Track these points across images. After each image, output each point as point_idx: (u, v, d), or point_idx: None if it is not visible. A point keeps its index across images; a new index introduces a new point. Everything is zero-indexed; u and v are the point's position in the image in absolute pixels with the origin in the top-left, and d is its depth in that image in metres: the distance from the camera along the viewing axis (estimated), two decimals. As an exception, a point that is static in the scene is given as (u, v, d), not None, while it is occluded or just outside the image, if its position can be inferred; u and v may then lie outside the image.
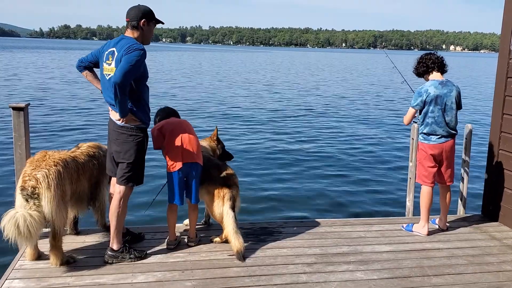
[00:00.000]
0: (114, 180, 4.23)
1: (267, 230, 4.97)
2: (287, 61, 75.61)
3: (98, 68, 4.18)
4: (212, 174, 4.43)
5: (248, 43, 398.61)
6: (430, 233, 4.98)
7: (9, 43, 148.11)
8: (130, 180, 4.05)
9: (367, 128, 15.26)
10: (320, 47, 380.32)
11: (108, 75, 3.93)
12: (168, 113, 4.61)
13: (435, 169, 4.92)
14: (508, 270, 4.18)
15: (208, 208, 4.59)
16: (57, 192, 3.79)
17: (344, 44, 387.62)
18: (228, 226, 4.28)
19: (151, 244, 4.48)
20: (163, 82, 29.00)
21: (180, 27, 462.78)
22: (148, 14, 3.99)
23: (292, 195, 8.40)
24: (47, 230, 4.03)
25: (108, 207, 4.34)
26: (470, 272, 4.12)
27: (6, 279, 3.74)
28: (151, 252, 4.32)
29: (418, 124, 5.01)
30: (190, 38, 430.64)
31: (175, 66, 49.53)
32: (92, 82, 4.28)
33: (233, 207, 4.32)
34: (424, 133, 4.86)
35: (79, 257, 4.15)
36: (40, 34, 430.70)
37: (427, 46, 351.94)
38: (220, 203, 4.34)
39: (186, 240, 4.55)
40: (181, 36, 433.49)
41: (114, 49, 3.89)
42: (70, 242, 4.43)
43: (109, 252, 4.08)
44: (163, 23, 4.16)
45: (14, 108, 4.49)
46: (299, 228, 5.04)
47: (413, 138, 5.65)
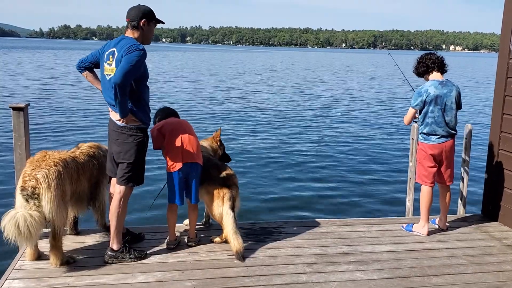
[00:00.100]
0: (114, 181, 4.23)
1: (267, 230, 4.97)
2: (287, 61, 75.61)
3: (98, 69, 4.18)
4: (212, 174, 4.43)
5: (248, 43, 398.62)
6: (430, 233, 4.99)
7: (9, 43, 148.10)
8: (130, 180, 4.05)
9: (367, 128, 15.26)
10: (320, 47, 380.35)
11: (108, 76, 3.93)
12: (168, 113, 4.61)
13: (435, 169, 4.92)
14: (508, 270, 4.18)
15: (208, 208, 4.59)
16: (57, 192, 3.79)
17: (344, 44, 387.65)
18: (227, 227, 4.28)
19: (151, 244, 4.48)
20: (163, 82, 29.00)
21: (180, 27, 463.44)
22: (148, 14, 3.99)
23: (292, 195, 8.40)
24: (47, 230, 4.03)
25: (108, 207, 4.34)
26: (470, 272, 4.12)
27: (6, 279, 3.74)
28: (151, 252, 4.32)
29: (418, 124, 5.01)
30: (190, 38, 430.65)
31: (175, 66, 49.51)
32: (93, 83, 4.28)
33: (232, 207, 4.32)
34: (424, 133, 4.86)
35: (79, 257, 4.15)
36: (40, 34, 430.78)
37: (427, 46, 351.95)
38: (219, 203, 4.34)
39: (186, 240, 4.55)
40: (181, 36, 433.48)
41: (115, 49, 3.89)
42: (70, 242, 4.43)
43: (109, 252, 4.08)
44: (163, 23, 4.16)
45: (14, 108, 4.50)
46: (299, 228, 5.04)
47: (413, 138, 5.65)
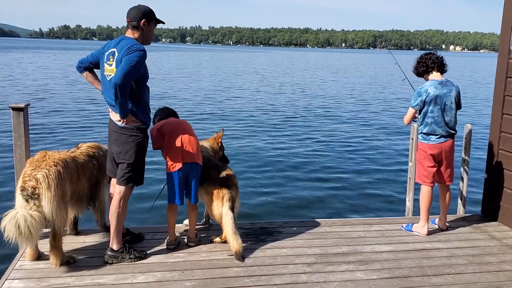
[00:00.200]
0: (114, 181, 4.23)
1: (267, 230, 4.98)
2: (287, 61, 75.59)
3: (98, 69, 4.18)
4: (212, 174, 4.43)
5: (247, 43, 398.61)
6: (430, 233, 4.99)
7: (9, 43, 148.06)
8: (130, 181, 4.05)
9: (366, 128, 15.26)
10: (319, 47, 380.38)
11: (109, 76, 3.93)
12: (167, 113, 4.61)
13: (435, 169, 4.92)
14: (507, 270, 4.18)
15: (208, 209, 4.59)
16: (57, 192, 3.79)
17: (343, 44, 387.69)
18: (227, 227, 4.28)
19: (151, 244, 4.48)
20: (163, 83, 28.99)
21: (180, 27, 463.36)
22: (149, 14, 3.99)
23: (292, 195, 8.40)
24: (47, 230, 4.03)
25: (108, 207, 4.34)
26: (470, 272, 4.12)
27: (6, 279, 3.75)
28: (151, 252, 4.32)
29: (417, 123, 5.01)
30: (190, 38, 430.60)
31: (175, 66, 49.50)
32: (93, 83, 4.28)
33: (232, 208, 4.32)
34: (424, 133, 4.86)
35: (79, 257, 4.15)
36: (40, 35, 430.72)
37: (427, 46, 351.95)
38: (219, 204, 4.34)
39: (186, 240, 4.55)
40: (180, 36, 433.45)
41: (115, 49, 3.89)
42: (70, 242, 4.43)
43: (109, 252, 4.08)
44: (163, 23, 4.15)
45: (14, 108, 4.50)
46: (299, 228, 5.04)
47: (412, 138, 5.65)
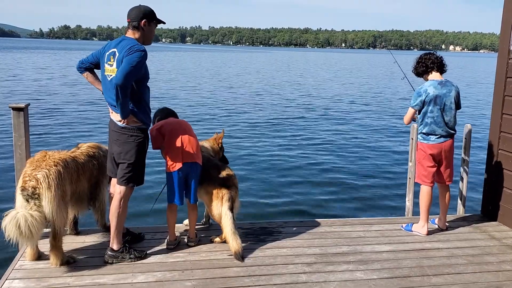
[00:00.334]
0: (114, 181, 4.24)
1: (266, 230, 4.98)
2: (287, 61, 75.57)
3: (99, 69, 4.18)
4: (212, 174, 4.43)
5: (247, 43, 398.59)
6: (430, 232, 4.99)
7: (9, 43, 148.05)
8: (130, 181, 4.05)
9: (366, 128, 15.26)
10: (319, 47, 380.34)
11: (109, 76, 3.93)
12: (167, 113, 4.61)
13: (435, 168, 4.92)
14: (507, 270, 4.18)
15: (208, 208, 4.60)
16: (57, 192, 3.79)
17: (343, 44, 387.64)
18: (226, 227, 4.28)
19: (151, 244, 4.49)
20: (163, 83, 28.99)
21: (180, 27, 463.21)
22: (149, 14, 3.99)
23: (292, 195, 8.41)
24: (47, 230, 4.04)
25: (108, 207, 4.34)
26: (470, 272, 4.12)
27: (6, 279, 3.75)
28: (151, 252, 4.32)
29: (417, 123, 5.01)
30: (189, 38, 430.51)
31: (175, 66, 49.51)
32: (93, 83, 4.28)
33: (231, 208, 4.32)
34: (423, 133, 4.87)
35: (79, 257, 4.15)
36: (40, 35, 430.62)
37: (427, 46, 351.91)
38: (219, 204, 4.35)
39: (186, 240, 4.55)
40: (180, 36, 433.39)
41: (115, 49, 3.89)
42: (70, 242, 4.43)
43: (109, 252, 4.08)
44: (164, 23, 4.14)
45: (14, 108, 4.50)
46: (298, 228, 5.05)
47: (412, 138, 5.65)
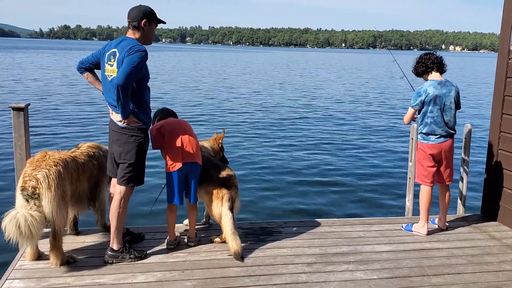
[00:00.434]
0: (114, 181, 4.24)
1: (266, 230, 4.98)
2: (287, 61, 75.57)
3: (99, 69, 4.18)
4: (212, 174, 4.43)
5: (247, 43, 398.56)
6: (430, 232, 4.99)
7: (9, 43, 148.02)
8: (131, 181, 4.05)
9: (366, 128, 15.26)
10: (319, 47, 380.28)
11: (110, 76, 3.93)
12: (167, 114, 4.61)
13: (434, 168, 4.92)
14: (507, 270, 4.19)
15: (207, 208, 4.60)
16: (57, 192, 3.79)
17: (343, 44, 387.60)
18: (226, 227, 4.28)
19: (151, 244, 4.49)
20: (163, 83, 28.99)
21: (180, 27, 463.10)
22: (149, 14, 3.99)
23: (291, 195, 8.41)
24: (47, 230, 4.04)
25: (108, 207, 4.34)
26: (470, 272, 4.13)
27: (6, 279, 3.75)
28: (151, 252, 4.32)
29: (417, 123, 5.01)
30: (189, 38, 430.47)
31: (175, 66, 49.50)
32: (93, 84, 4.27)
33: (231, 208, 4.32)
34: (423, 133, 4.87)
35: (79, 257, 4.15)
36: (40, 35, 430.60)
37: (427, 46, 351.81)
38: (219, 204, 4.35)
39: (186, 240, 4.55)
40: (180, 36, 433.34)
41: (116, 50, 3.89)
42: (70, 242, 4.43)
43: (109, 252, 4.09)
44: (164, 22, 4.13)
45: (14, 108, 4.50)
46: (299, 228, 5.05)
47: (412, 138, 5.65)
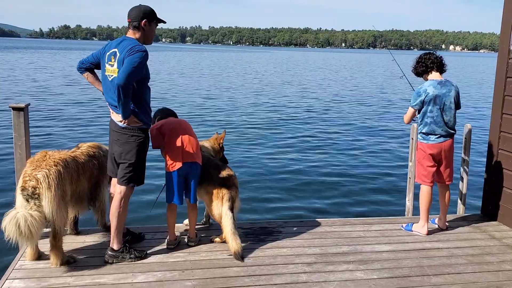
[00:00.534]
0: (114, 181, 4.24)
1: (267, 230, 4.98)
2: (287, 61, 75.55)
3: (99, 69, 4.17)
4: (212, 174, 4.43)
5: (247, 43, 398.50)
6: (430, 232, 4.99)
7: (9, 43, 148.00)
8: (131, 181, 4.05)
9: (366, 128, 15.26)
10: (319, 47, 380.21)
11: (110, 76, 3.93)
12: (167, 113, 4.61)
13: (434, 168, 4.92)
14: (507, 270, 4.19)
15: (208, 208, 4.60)
16: (57, 192, 3.79)
17: (343, 44, 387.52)
18: (226, 227, 4.28)
19: (151, 244, 4.49)
20: (163, 83, 29.00)
21: (180, 27, 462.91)
22: (150, 14, 3.99)
23: (291, 194, 8.41)
24: (47, 230, 4.04)
25: (108, 207, 4.34)
26: (470, 272, 4.13)
27: (7, 279, 3.75)
28: (151, 252, 4.32)
29: (417, 123, 5.01)
30: (189, 38, 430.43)
31: (175, 66, 49.50)
32: (93, 84, 4.28)
33: (231, 208, 4.32)
34: (423, 132, 4.87)
35: (79, 257, 4.16)
36: (40, 35, 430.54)
37: (427, 46, 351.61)
38: (219, 204, 4.35)
39: (186, 240, 4.55)
40: (180, 36, 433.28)
41: (116, 50, 3.89)
42: (70, 242, 4.43)
43: (109, 252, 4.09)
44: (164, 22, 4.13)
45: (14, 108, 4.50)
46: (299, 228, 5.05)
47: (412, 138, 5.65)
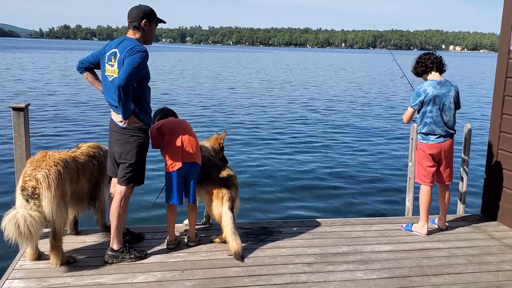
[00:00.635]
0: (114, 181, 4.24)
1: (267, 230, 4.98)
2: (287, 61, 75.55)
3: (99, 69, 4.17)
4: (212, 174, 4.43)
5: (247, 43, 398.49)
6: (430, 232, 4.99)
7: (9, 43, 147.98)
8: (131, 181, 4.05)
9: (366, 128, 15.26)
10: (319, 47, 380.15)
11: (110, 77, 3.93)
12: (167, 113, 4.61)
13: (434, 168, 4.93)
14: (507, 270, 4.19)
15: (208, 208, 4.60)
16: (57, 192, 3.79)
17: (343, 44, 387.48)
18: (226, 227, 4.28)
19: (151, 244, 4.49)
20: (163, 83, 29.00)
21: (179, 27, 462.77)
22: (149, 14, 3.99)
23: (292, 194, 8.41)
24: (47, 230, 4.04)
25: (108, 207, 4.34)
26: (470, 272, 4.13)
27: (7, 279, 3.75)
28: (151, 252, 4.32)
29: (417, 123, 5.01)
30: (189, 38, 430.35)
31: (175, 66, 49.50)
32: (93, 83, 4.28)
33: (231, 208, 4.32)
34: (423, 133, 4.87)
35: (79, 257, 4.15)
36: (40, 35, 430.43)
37: (427, 46, 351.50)
38: (219, 204, 4.35)
39: (186, 240, 4.55)
40: (180, 36, 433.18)
41: (116, 50, 3.89)
42: (70, 242, 4.43)
43: (109, 252, 4.09)
44: (164, 22, 4.13)
45: (14, 108, 4.50)
46: (299, 228, 5.05)
47: (412, 138, 5.66)
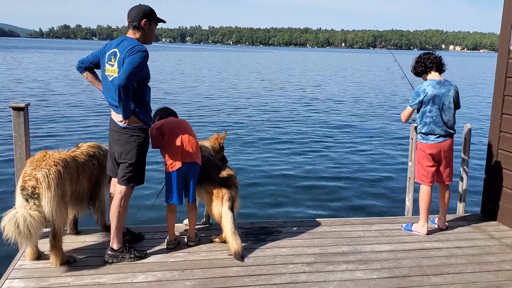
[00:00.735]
0: (114, 180, 4.24)
1: (266, 229, 4.98)
2: (287, 61, 75.56)
3: (98, 69, 4.17)
4: (212, 174, 4.43)
5: (247, 43, 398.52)
6: (430, 232, 4.99)
7: (9, 43, 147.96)
8: (131, 180, 4.05)
9: (366, 128, 15.26)
10: (319, 47, 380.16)
11: (110, 76, 3.93)
12: (167, 113, 4.61)
13: (434, 168, 4.93)
14: (507, 270, 4.19)
15: (208, 208, 4.60)
16: (57, 192, 3.79)
17: (343, 44, 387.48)
18: (226, 227, 4.29)
19: (151, 244, 4.49)
20: (163, 83, 28.99)
21: (179, 27, 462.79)
22: (149, 14, 3.99)
23: (292, 194, 8.41)
24: (47, 230, 4.04)
25: (108, 207, 4.34)
26: (470, 272, 4.13)
27: (6, 279, 3.75)
28: (151, 252, 4.32)
29: (416, 122, 5.01)
30: (189, 38, 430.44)
31: (175, 66, 49.50)
32: (93, 83, 4.28)
33: (231, 208, 4.32)
34: (423, 132, 4.87)
35: (79, 257, 4.16)
36: (40, 34, 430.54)
37: (427, 46, 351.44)
38: (219, 204, 4.35)
39: (186, 239, 4.56)
40: (180, 36, 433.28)
41: (117, 50, 3.89)
42: (70, 242, 4.44)
43: (109, 252, 4.09)
44: (164, 22, 4.13)
45: (14, 108, 4.50)
46: (298, 227, 5.05)
47: (412, 138, 5.66)
